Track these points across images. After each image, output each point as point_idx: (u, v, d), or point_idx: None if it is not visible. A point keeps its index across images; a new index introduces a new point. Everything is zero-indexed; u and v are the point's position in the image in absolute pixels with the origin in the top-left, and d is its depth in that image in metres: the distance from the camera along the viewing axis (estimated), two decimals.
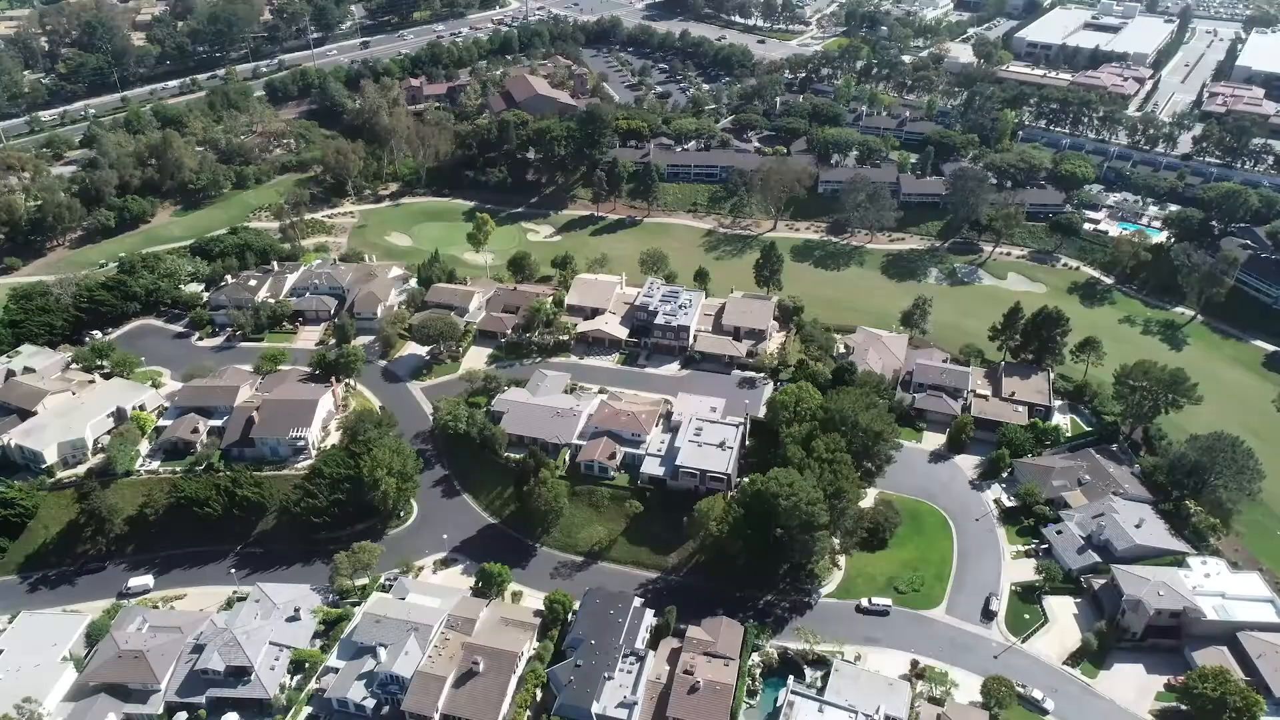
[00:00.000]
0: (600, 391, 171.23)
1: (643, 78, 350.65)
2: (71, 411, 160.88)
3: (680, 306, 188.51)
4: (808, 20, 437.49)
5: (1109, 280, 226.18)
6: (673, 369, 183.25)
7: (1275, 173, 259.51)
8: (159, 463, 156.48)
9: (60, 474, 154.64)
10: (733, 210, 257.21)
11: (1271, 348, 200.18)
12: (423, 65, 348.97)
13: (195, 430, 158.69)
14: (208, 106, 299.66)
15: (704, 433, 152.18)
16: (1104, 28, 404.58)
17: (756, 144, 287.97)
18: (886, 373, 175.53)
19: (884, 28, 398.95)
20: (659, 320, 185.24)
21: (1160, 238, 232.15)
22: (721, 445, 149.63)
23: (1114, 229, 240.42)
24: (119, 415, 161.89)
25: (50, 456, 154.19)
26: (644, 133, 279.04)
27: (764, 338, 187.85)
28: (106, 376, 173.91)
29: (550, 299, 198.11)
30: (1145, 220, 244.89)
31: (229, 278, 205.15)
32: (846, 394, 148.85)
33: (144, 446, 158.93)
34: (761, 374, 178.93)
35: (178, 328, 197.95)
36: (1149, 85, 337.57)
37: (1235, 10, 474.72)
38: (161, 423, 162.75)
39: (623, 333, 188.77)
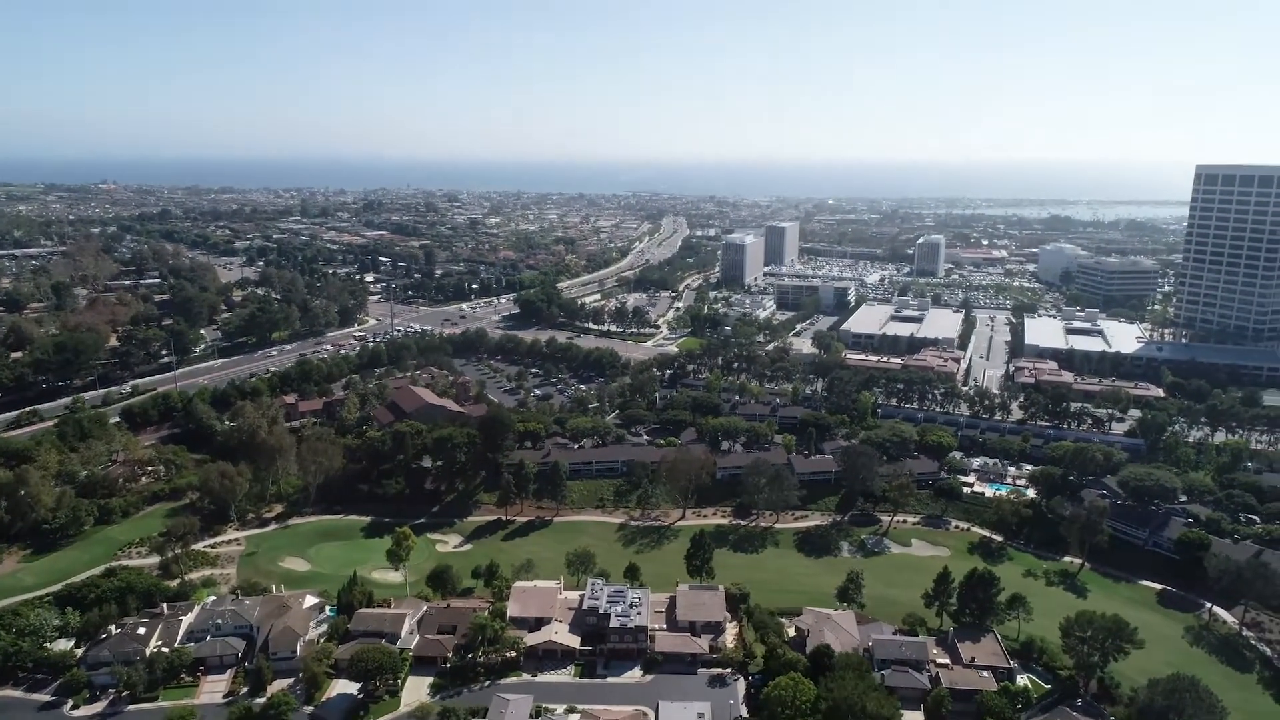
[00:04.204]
0: (569, 711, 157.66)
1: (519, 382, 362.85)
2: None
3: (631, 606, 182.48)
4: (656, 324, 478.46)
5: (999, 538, 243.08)
6: (635, 675, 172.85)
7: (1098, 430, 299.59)
8: None
9: None
10: (639, 502, 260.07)
11: (1159, 586, 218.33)
12: (293, 382, 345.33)
13: None
14: (58, 438, 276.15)
15: None
16: (908, 319, 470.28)
17: (646, 437, 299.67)
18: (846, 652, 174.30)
19: (726, 328, 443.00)
20: (614, 624, 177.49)
21: (1031, 494, 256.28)
22: None
23: (987, 490, 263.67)
24: None
25: None
26: (540, 433, 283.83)
27: (721, 630, 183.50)
28: None
29: (488, 612, 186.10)
30: (1010, 479, 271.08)
31: (112, 628, 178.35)
32: (845, 680, 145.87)
33: None
34: (729, 669, 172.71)
35: (44, 696, 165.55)
36: (965, 364, 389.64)
37: (999, 301, 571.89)
38: None
39: (575, 641, 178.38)
